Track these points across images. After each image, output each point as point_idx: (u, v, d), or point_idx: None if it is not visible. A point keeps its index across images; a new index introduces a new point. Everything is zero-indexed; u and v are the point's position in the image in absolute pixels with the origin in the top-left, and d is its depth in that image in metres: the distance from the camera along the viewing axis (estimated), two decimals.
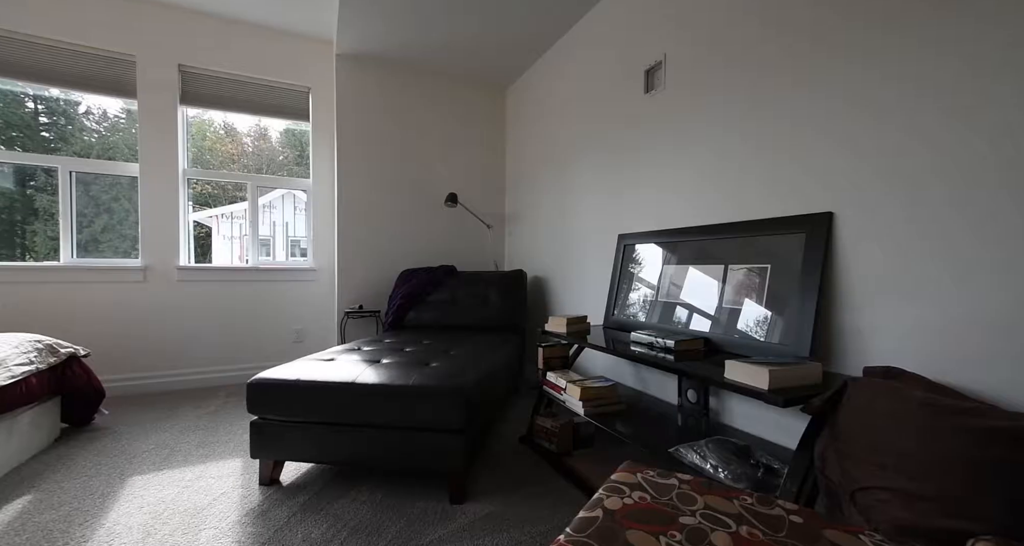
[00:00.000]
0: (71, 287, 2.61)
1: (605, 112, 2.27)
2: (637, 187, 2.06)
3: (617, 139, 2.18)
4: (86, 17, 2.58)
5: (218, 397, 2.66)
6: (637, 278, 1.93)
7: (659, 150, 1.93)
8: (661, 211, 1.92)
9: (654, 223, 1.95)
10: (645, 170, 2.01)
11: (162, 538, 1.28)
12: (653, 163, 1.96)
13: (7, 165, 2.60)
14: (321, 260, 3.24)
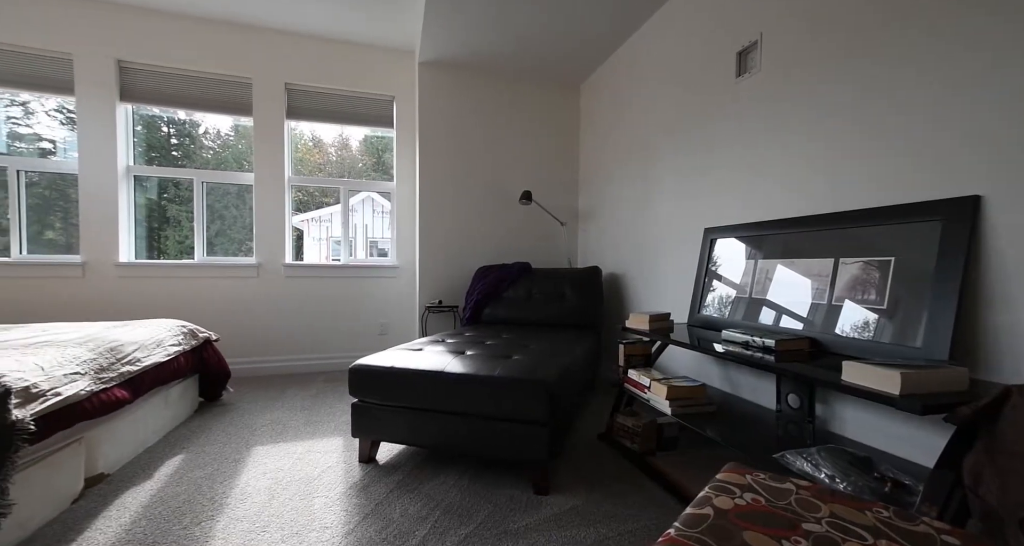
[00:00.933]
0: (202, 281, 3.04)
1: (690, 100, 2.17)
2: (725, 178, 1.94)
3: (703, 128, 2.07)
4: (211, 48, 2.98)
5: (317, 382, 2.94)
6: (724, 274, 1.82)
7: (751, 138, 1.80)
8: (752, 202, 1.79)
9: (744, 215, 1.82)
10: (734, 159, 1.89)
11: (284, 501, 1.45)
12: (743, 152, 1.83)
13: (150, 179, 3.09)
14: (403, 258, 3.45)
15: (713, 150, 2.00)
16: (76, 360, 1.48)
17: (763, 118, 1.74)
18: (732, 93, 1.89)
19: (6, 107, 2.83)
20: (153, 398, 1.91)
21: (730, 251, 1.83)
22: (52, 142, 2.92)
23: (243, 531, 1.28)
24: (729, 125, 1.91)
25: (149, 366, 1.79)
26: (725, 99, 1.93)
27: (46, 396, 1.28)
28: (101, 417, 1.52)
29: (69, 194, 2.89)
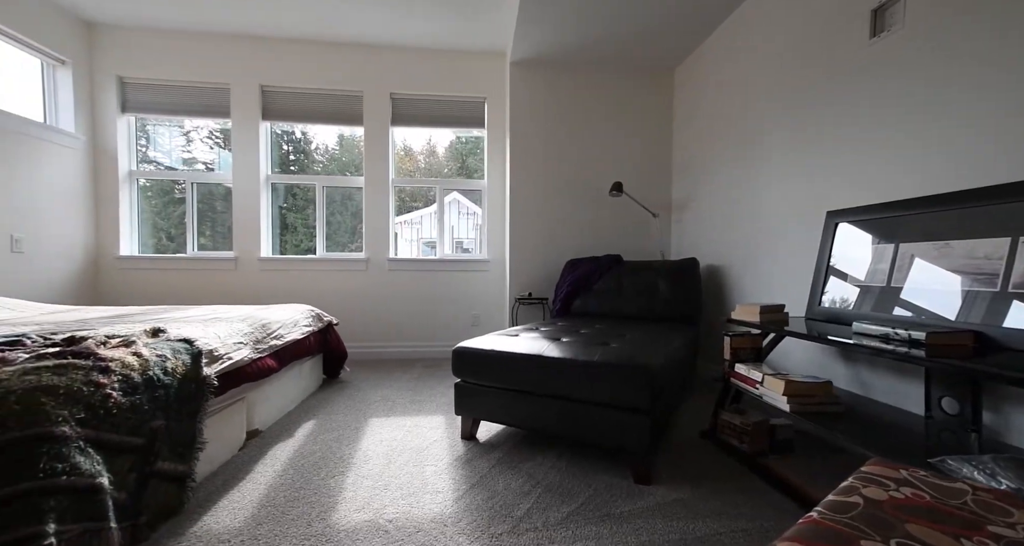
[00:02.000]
0: (322, 274, 3.45)
1: (810, 71, 1.96)
2: (854, 155, 1.72)
3: (828, 101, 1.86)
4: (331, 67, 3.37)
5: (417, 367, 3.18)
6: (850, 261, 1.62)
7: (890, 106, 1.57)
8: (888, 180, 1.57)
9: (877, 195, 1.61)
10: (867, 133, 1.67)
11: (399, 465, 1.60)
12: (881, 123, 1.61)
13: (276, 190, 3.58)
14: (494, 252, 3.59)
15: (840, 124, 1.79)
16: (240, 333, 1.78)
17: (907, 81, 1.52)
18: (864, 57, 1.67)
19: (175, 137, 3.49)
20: (291, 370, 2.23)
21: (856, 236, 1.63)
22: (205, 163, 3.53)
23: (368, 487, 1.45)
24: (861, 94, 1.69)
25: (289, 342, 2.09)
26: (855, 65, 1.72)
27: (223, 359, 1.57)
28: (257, 381, 1.81)
29: (216, 205, 3.47)
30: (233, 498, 1.38)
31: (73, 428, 0.99)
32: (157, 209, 3.50)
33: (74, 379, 1.06)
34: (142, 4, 2.94)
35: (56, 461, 0.93)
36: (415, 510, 1.31)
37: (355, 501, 1.36)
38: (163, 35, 3.22)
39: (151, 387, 1.23)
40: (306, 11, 2.96)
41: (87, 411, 1.04)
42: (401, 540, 1.17)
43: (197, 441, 1.39)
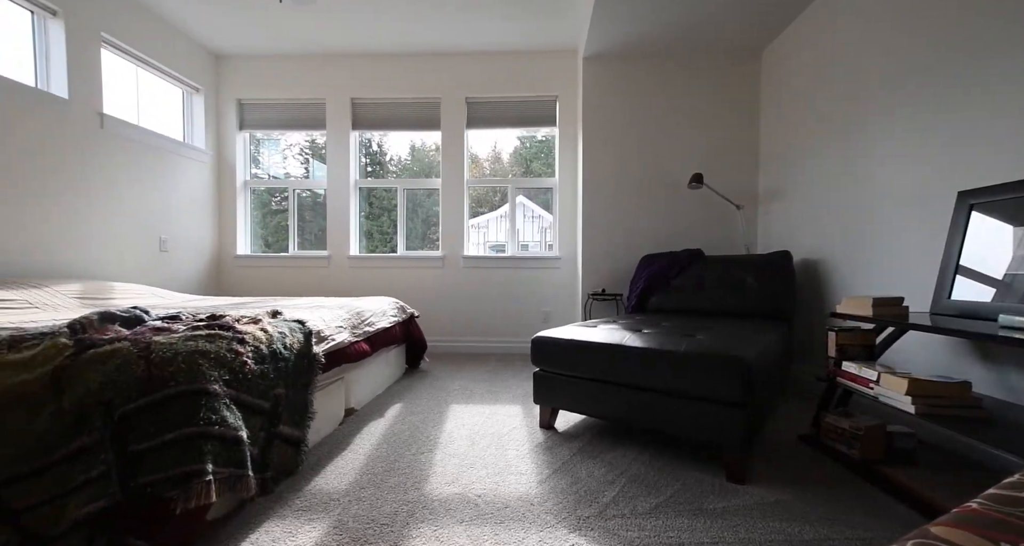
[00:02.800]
0: (402, 270, 3.68)
1: (941, 29, 1.74)
2: (1000, 125, 1.49)
3: (966, 62, 1.63)
4: (412, 77, 3.60)
5: (491, 361, 3.27)
6: (990, 247, 1.40)
7: None
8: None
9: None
10: (1011, 95, 1.44)
11: (483, 447, 1.67)
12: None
13: (363, 192, 3.88)
14: (565, 249, 3.59)
15: (989, 89, 1.55)
16: (340, 319, 1.97)
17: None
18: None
19: (273, 154, 3.94)
20: (380, 356, 2.41)
21: (995, 219, 1.40)
22: (295, 177, 3.93)
23: (456, 465, 1.52)
24: (1017, 49, 1.46)
25: (380, 329, 2.26)
26: (1006, 14, 1.49)
27: (328, 340, 1.74)
28: (355, 363, 1.98)
29: (304, 214, 3.84)
30: (337, 465, 1.52)
31: (222, 387, 1.17)
32: (257, 219, 3.96)
33: (220, 347, 1.24)
34: (257, 37, 3.36)
35: (211, 413, 1.10)
36: (501, 488, 1.36)
37: (444, 476, 1.44)
38: (271, 61, 3.66)
39: (275, 359, 1.41)
40: (391, 27, 3.20)
41: (230, 374, 1.21)
42: (490, 514, 1.22)
43: (309, 411, 1.55)
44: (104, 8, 2.72)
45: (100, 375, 1.06)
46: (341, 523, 1.17)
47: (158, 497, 0.99)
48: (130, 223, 2.93)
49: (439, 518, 1.19)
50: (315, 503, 1.28)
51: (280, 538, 1.11)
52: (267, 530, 1.14)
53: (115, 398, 1.05)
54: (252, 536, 1.12)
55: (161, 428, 1.04)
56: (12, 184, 2.25)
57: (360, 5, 2.94)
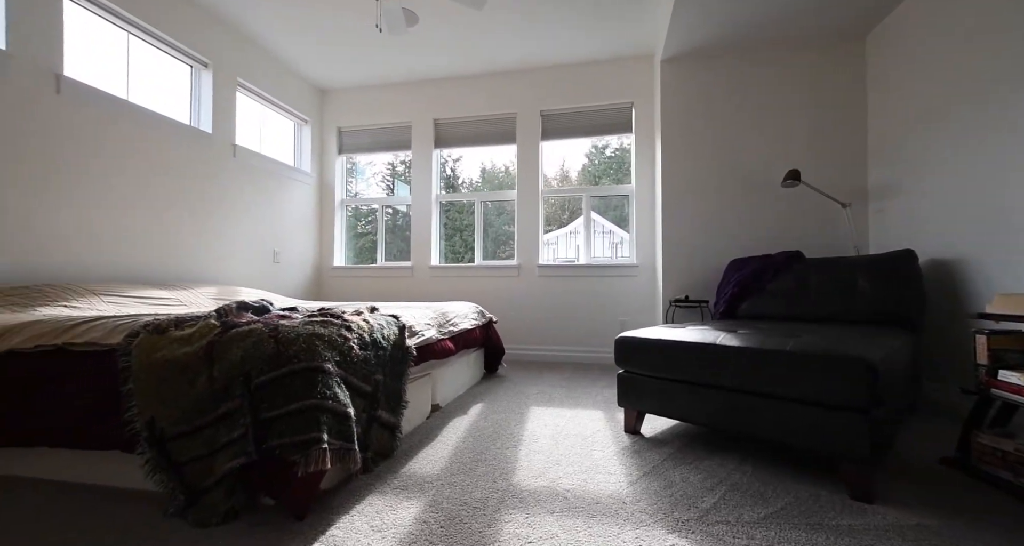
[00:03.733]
0: (480, 279, 3.81)
1: None
2: None
3: None
4: (489, 95, 3.79)
5: (566, 369, 3.23)
6: None
7: None
8: None
9: None
10: None
11: (566, 447, 1.64)
12: None
13: (446, 205, 4.10)
14: (642, 256, 3.48)
15: None
16: (427, 317, 2.08)
17: None
18: None
19: (363, 177, 4.33)
20: (462, 358, 2.50)
21: None
22: (375, 199, 4.27)
23: (541, 461, 1.51)
24: None
25: (462, 330, 2.35)
26: None
27: (418, 335, 1.85)
28: (441, 359, 2.07)
29: (391, 227, 4.14)
30: (428, 454, 1.59)
31: (334, 367, 1.29)
32: (350, 236, 4.35)
33: (332, 332, 1.38)
34: (355, 72, 3.78)
35: (326, 388, 1.22)
36: (590, 485, 1.32)
37: (531, 470, 1.44)
38: (366, 91, 4.07)
39: (375, 347, 1.52)
40: (471, 51, 3.42)
41: (340, 356, 1.34)
42: (581, 508, 1.19)
43: (403, 399, 1.65)
44: (240, 58, 3.24)
45: (241, 350, 1.23)
46: (436, 503, 1.22)
47: (284, 459, 1.11)
48: (251, 238, 3.38)
49: (529, 507, 1.19)
50: (410, 484, 1.34)
51: (382, 510, 1.18)
52: (370, 503, 1.22)
53: (252, 370, 1.20)
54: (358, 506, 1.20)
55: (287, 399, 1.17)
56: (168, 205, 2.72)
57: (444, 32, 3.19)
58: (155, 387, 1.24)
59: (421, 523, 1.12)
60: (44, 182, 2.12)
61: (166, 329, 1.34)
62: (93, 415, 1.30)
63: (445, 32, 3.17)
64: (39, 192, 2.10)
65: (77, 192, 2.25)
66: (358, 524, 1.11)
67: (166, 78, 2.83)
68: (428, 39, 3.27)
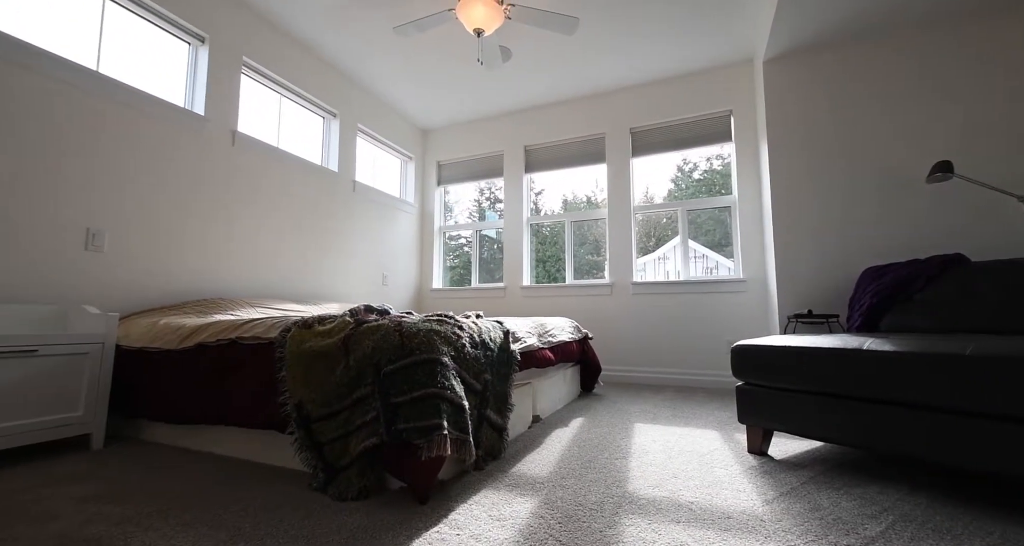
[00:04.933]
0: (571, 298, 3.79)
1: None
2: None
3: None
4: (576, 119, 3.90)
5: (667, 391, 3.01)
6: None
7: None
8: None
9: None
10: None
11: (682, 462, 1.52)
12: None
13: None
14: (750, 271, 3.21)
15: None
16: (528, 327, 2.12)
17: None
18: None
19: (459, 206, 4.63)
20: (560, 371, 2.48)
21: None
22: (471, 222, 4.51)
23: (656, 473, 1.41)
24: None
25: (560, 342, 2.35)
26: None
27: (521, 341, 1.89)
28: (541, 368, 2.08)
29: (483, 252, 4.33)
30: (534, 458, 1.58)
31: (450, 360, 1.37)
32: (447, 261, 4.64)
33: (447, 329, 1.47)
34: (453, 111, 4.17)
35: (444, 379, 1.29)
36: (716, 500, 1.20)
37: (645, 479, 1.35)
38: (461, 127, 4.45)
39: (484, 347, 1.59)
40: (560, 78, 3.59)
41: (455, 352, 1.42)
42: (709, 520, 1.08)
43: (509, 401, 1.67)
44: (360, 107, 3.77)
45: (372, 342, 1.36)
46: (550, 501, 1.20)
47: (410, 442, 1.19)
48: (364, 262, 3.78)
49: (650, 514, 1.11)
50: (521, 483, 1.34)
51: (498, 503, 1.19)
52: (485, 495, 1.24)
53: (381, 360, 1.32)
54: (474, 497, 1.22)
55: (411, 386, 1.26)
56: (303, 233, 3.18)
57: (535, 63, 3.40)
58: (303, 374, 1.42)
59: (538, 517, 1.10)
60: (216, 214, 2.62)
61: (312, 325, 1.55)
62: (258, 398, 1.52)
63: (536, 62, 3.38)
64: (213, 222, 2.60)
65: (241, 223, 2.74)
66: (476, 512, 1.13)
67: (305, 127, 3.38)
68: (520, 71, 3.50)
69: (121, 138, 2.18)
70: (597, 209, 3.93)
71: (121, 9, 2.28)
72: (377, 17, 2.85)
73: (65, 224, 1.99)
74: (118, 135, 2.17)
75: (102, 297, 2.10)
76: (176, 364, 1.74)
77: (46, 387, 1.59)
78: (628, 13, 2.80)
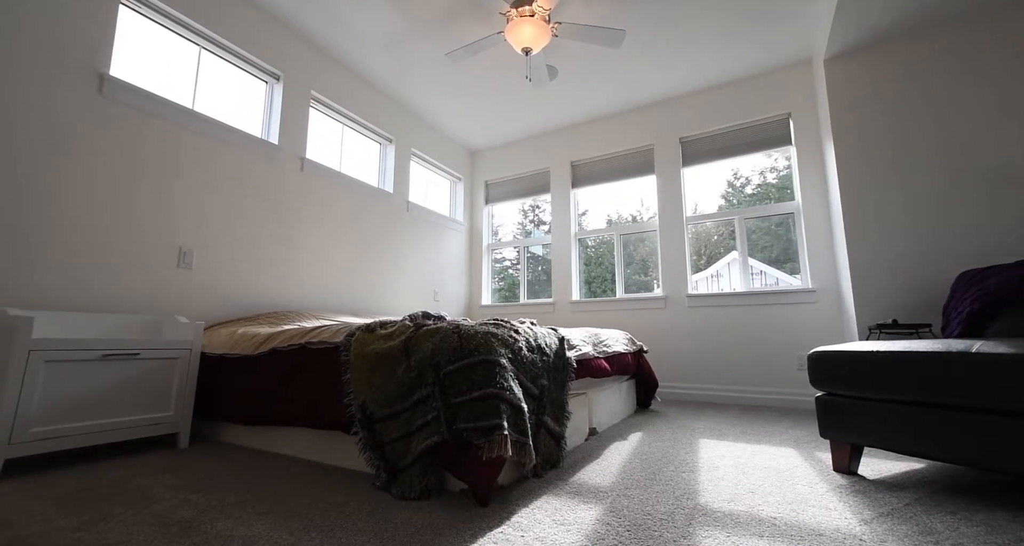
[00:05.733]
0: (622, 312, 3.69)
1: None
2: None
3: None
4: (624, 131, 3.89)
5: (731, 410, 2.81)
6: None
7: None
8: None
9: None
10: None
11: (758, 478, 1.39)
12: None
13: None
14: (820, 280, 2.98)
15: None
16: (582, 336, 2.08)
17: None
18: None
19: (503, 226, 4.71)
20: (616, 383, 2.39)
21: None
22: (517, 239, 4.55)
23: (729, 488, 1.31)
24: None
25: (615, 352, 2.28)
26: None
27: (576, 348, 1.86)
28: (595, 379, 2.02)
29: (530, 268, 4.34)
30: (594, 468, 1.52)
31: (508, 362, 1.37)
32: (495, 279, 4.70)
33: (504, 332, 1.47)
34: (500, 133, 4.31)
35: (503, 380, 1.29)
36: (803, 517, 1.09)
37: (718, 494, 1.25)
38: (508, 147, 4.57)
39: (540, 352, 1.57)
40: (606, 91, 3.62)
41: (512, 354, 1.41)
42: (797, 537, 0.98)
43: (566, 409, 1.64)
44: (413, 132, 3.99)
45: (431, 344, 1.39)
46: (616, 510, 1.14)
47: (471, 442, 1.19)
48: (417, 279, 3.91)
49: (727, 527, 1.03)
50: (583, 491, 1.28)
51: (561, 508, 1.15)
52: (547, 501, 1.20)
53: (440, 361, 1.35)
54: (536, 502, 1.19)
55: (470, 387, 1.27)
56: (363, 251, 3.36)
57: (582, 77, 3.46)
58: (367, 375, 1.47)
59: (604, 524, 1.05)
60: (286, 234, 2.83)
61: (374, 329, 1.61)
62: (323, 399, 1.59)
63: (582, 78, 3.44)
64: (284, 241, 2.81)
65: (306, 241, 2.95)
66: (539, 516, 1.10)
67: (364, 152, 3.62)
68: (565, 88, 3.57)
69: (208, 166, 2.45)
70: (647, 222, 3.84)
71: (213, 56, 2.60)
72: (429, 46, 3.04)
73: (163, 244, 2.23)
74: (205, 163, 2.44)
75: (189, 309, 2.31)
76: (252, 368, 1.87)
77: (144, 387, 1.76)
78: (676, 23, 2.80)
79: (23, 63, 1.84)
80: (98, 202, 2.02)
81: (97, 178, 2.02)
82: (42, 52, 1.89)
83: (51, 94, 1.90)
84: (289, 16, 2.80)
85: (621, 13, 2.70)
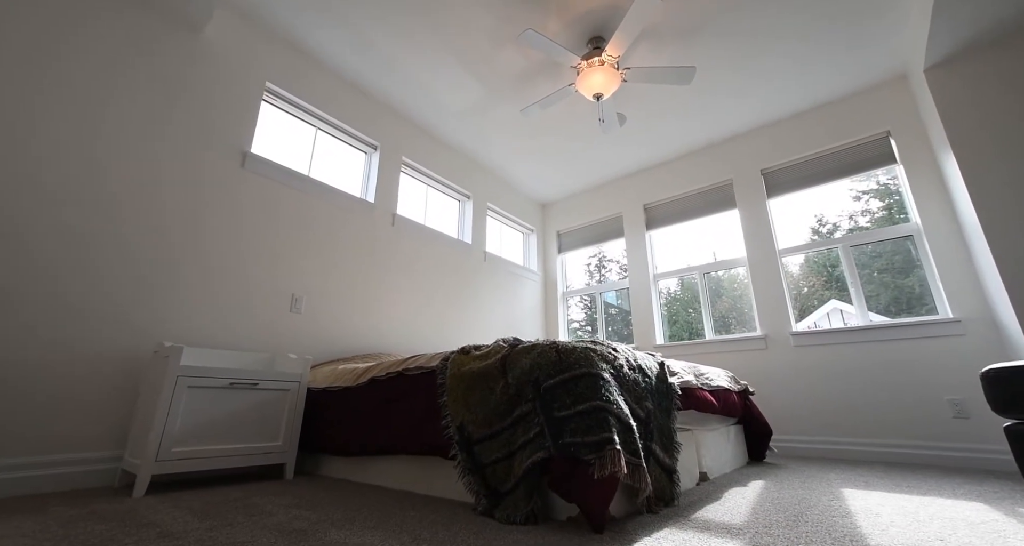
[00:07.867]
0: (715, 356, 3.37)
1: None
2: None
3: None
4: (699, 170, 3.86)
5: (872, 467, 2.33)
6: None
7: None
8: None
9: None
10: None
11: (940, 527, 1.11)
12: None
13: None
14: (964, 309, 2.54)
15: None
16: (682, 366, 1.93)
17: None
18: None
19: (577, 273, 4.71)
20: (723, 426, 2.13)
21: None
22: (590, 285, 4.49)
23: (902, 535, 1.05)
24: None
25: (719, 387, 2.06)
26: None
27: (678, 375, 1.71)
28: (700, 413, 1.82)
29: (607, 314, 4.21)
30: (717, 508, 1.31)
31: (610, 375, 1.29)
32: (567, 328, 4.61)
33: (603, 349, 1.41)
34: (568, 185, 4.47)
35: (607, 393, 1.22)
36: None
37: (891, 539, 1.01)
38: (577, 197, 4.71)
39: (641, 372, 1.47)
40: (677, 131, 3.67)
41: (613, 370, 1.34)
42: None
43: (675, 439, 1.48)
44: (488, 189, 4.28)
45: (529, 359, 1.37)
46: (759, 544, 0.96)
47: (580, 458, 1.10)
48: (494, 325, 3.95)
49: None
50: (712, 527, 1.11)
51: (690, 541, 0.99)
52: (671, 533, 1.05)
53: (539, 376, 1.31)
54: (658, 533, 1.05)
55: (574, 400, 1.21)
56: (446, 299, 3.51)
57: (651, 119, 3.56)
58: (463, 395, 1.47)
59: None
60: (380, 281, 3.06)
61: (469, 351, 1.63)
62: (420, 424, 1.59)
63: (651, 120, 3.54)
64: (380, 289, 3.03)
65: (397, 289, 3.16)
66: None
67: (444, 207, 3.93)
68: (634, 132, 3.69)
69: (318, 223, 2.79)
70: (734, 258, 3.63)
71: (326, 135, 3.09)
72: (504, 109, 3.36)
73: (279, 292, 2.52)
74: (316, 221, 2.78)
75: (298, 348, 2.52)
76: (352, 399, 1.95)
77: (260, 416, 1.89)
78: (749, 56, 2.83)
79: (185, 142, 2.32)
80: (236, 254, 2.37)
81: (234, 235, 2.39)
82: (194, 133, 2.38)
83: (198, 168, 2.35)
84: (392, 98, 3.29)
85: (689, 51, 2.79)
